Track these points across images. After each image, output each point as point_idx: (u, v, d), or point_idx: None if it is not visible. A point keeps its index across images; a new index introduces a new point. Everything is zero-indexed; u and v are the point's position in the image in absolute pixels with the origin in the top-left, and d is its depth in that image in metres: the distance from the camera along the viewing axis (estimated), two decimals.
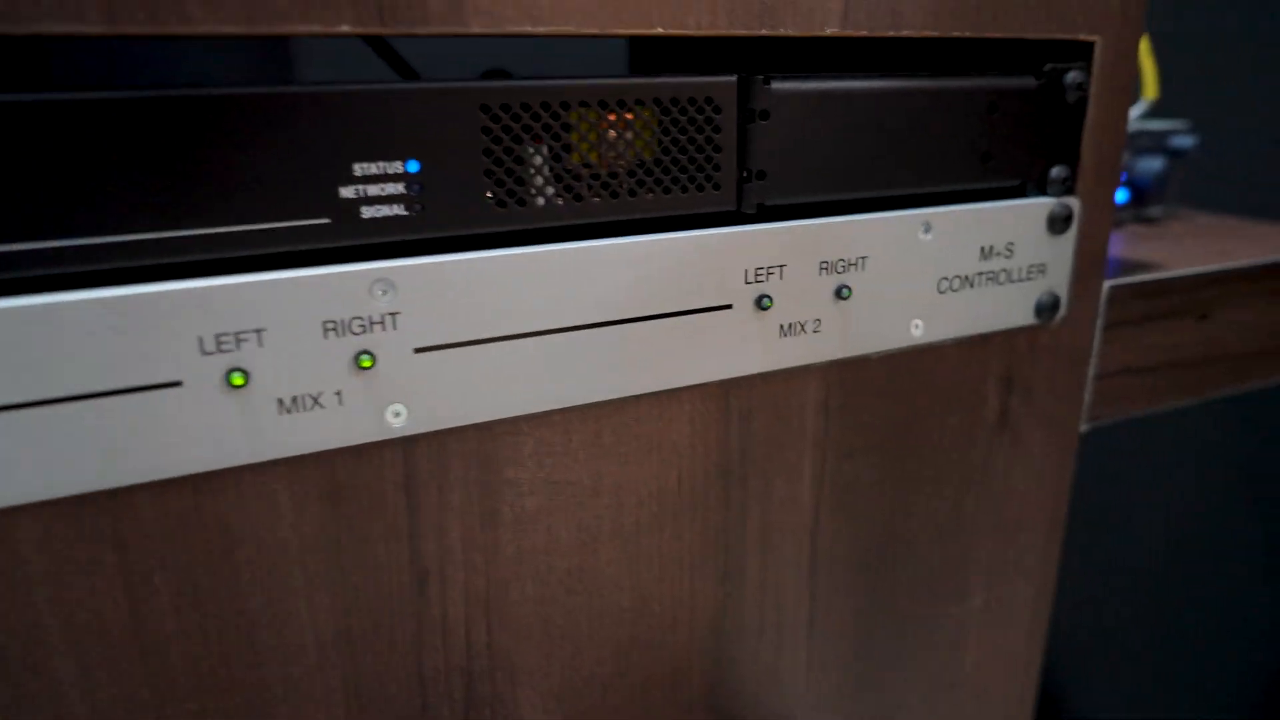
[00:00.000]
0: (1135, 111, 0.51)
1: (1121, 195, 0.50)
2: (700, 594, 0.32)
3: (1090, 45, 0.32)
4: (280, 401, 0.23)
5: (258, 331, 0.22)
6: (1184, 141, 0.50)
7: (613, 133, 0.26)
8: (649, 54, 0.55)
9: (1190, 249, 0.44)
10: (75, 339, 0.20)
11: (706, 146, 0.27)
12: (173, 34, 0.20)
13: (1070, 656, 1.03)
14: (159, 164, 0.21)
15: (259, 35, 0.21)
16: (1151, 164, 0.49)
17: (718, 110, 0.27)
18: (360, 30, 0.21)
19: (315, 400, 0.23)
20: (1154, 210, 0.52)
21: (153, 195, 0.21)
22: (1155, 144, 0.50)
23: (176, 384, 0.22)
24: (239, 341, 0.22)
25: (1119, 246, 0.46)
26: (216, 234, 0.21)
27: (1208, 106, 0.83)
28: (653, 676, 0.32)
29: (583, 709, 0.31)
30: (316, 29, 0.21)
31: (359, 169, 0.23)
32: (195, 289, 0.21)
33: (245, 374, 0.22)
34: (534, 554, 0.28)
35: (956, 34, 0.29)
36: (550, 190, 0.25)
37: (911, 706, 0.39)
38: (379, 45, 0.36)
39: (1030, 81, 0.32)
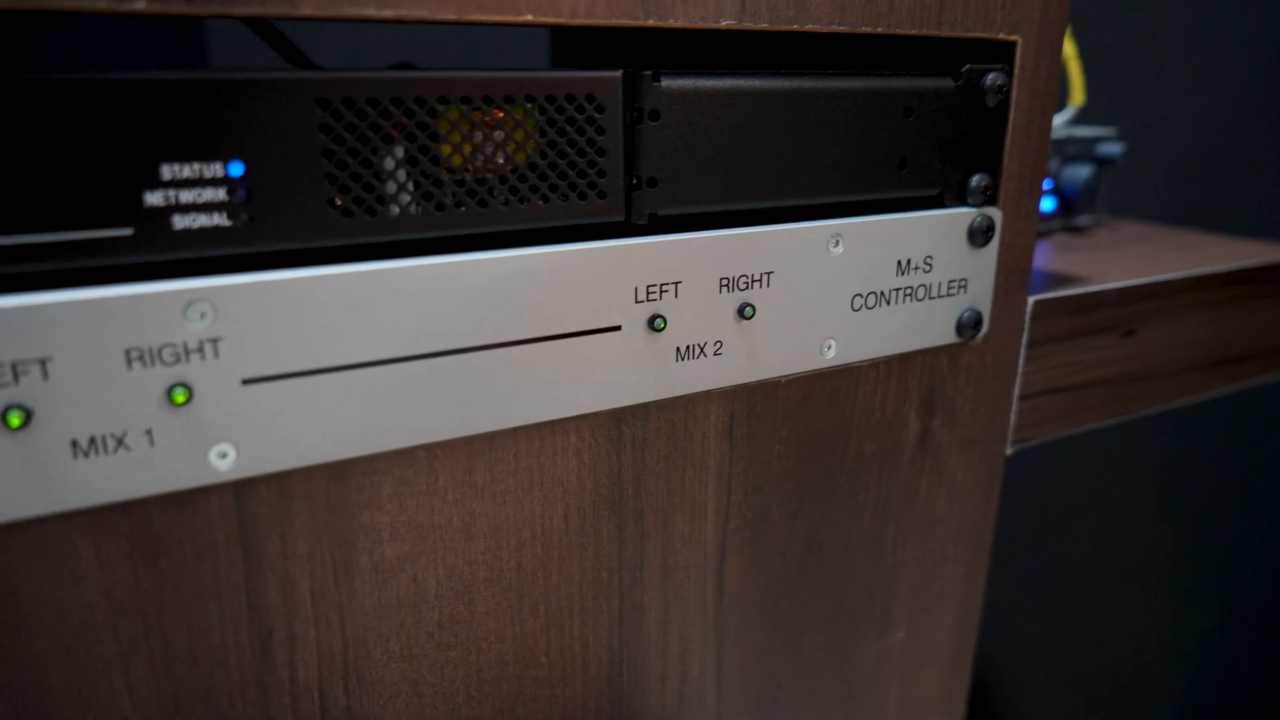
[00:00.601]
0: (1062, 117, 0.49)
1: (1048, 204, 0.48)
2: (594, 642, 0.29)
3: (1011, 45, 0.30)
4: (75, 443, 0.19)
5: (42, 361, 0.19)
6: (1112, 149, 0.49)
7: (480, 133, 0.23)
8: (570, 55, 0.52)
9: (1118, 260, 0.43)
10: None
11: (589, 149, 0.24)
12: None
13: (997, 675, 1.03)
14: None
15: (54, 10, 0.18)
16: (1079, 172, 0.48)
17: (601, 109, 0.24)
18: (158, 9, 0.18)
19: (120, 441, 0.20)
20: (1082, 219, 0.50)
21: None
22: (1083, 151, 0.49)
23: None
24: (17, 375, 0.18)
25: (1045, 258, 0.44)
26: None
27: (1137, 112, 0.82)
28: None
29: None
30: (121, 7, 0.18)
31: (168, 171, 0.19)
32: None
33: (26, 412, 0.19)
34: (398, 606, 0.25)
35: (867, 30, 0.27)
36: (406, 197, 0.22)
37: None
38: (265, 30, 0.33)
39: (948, 83, 0.29)
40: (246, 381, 0.21)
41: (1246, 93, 0.89)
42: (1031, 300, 0.34)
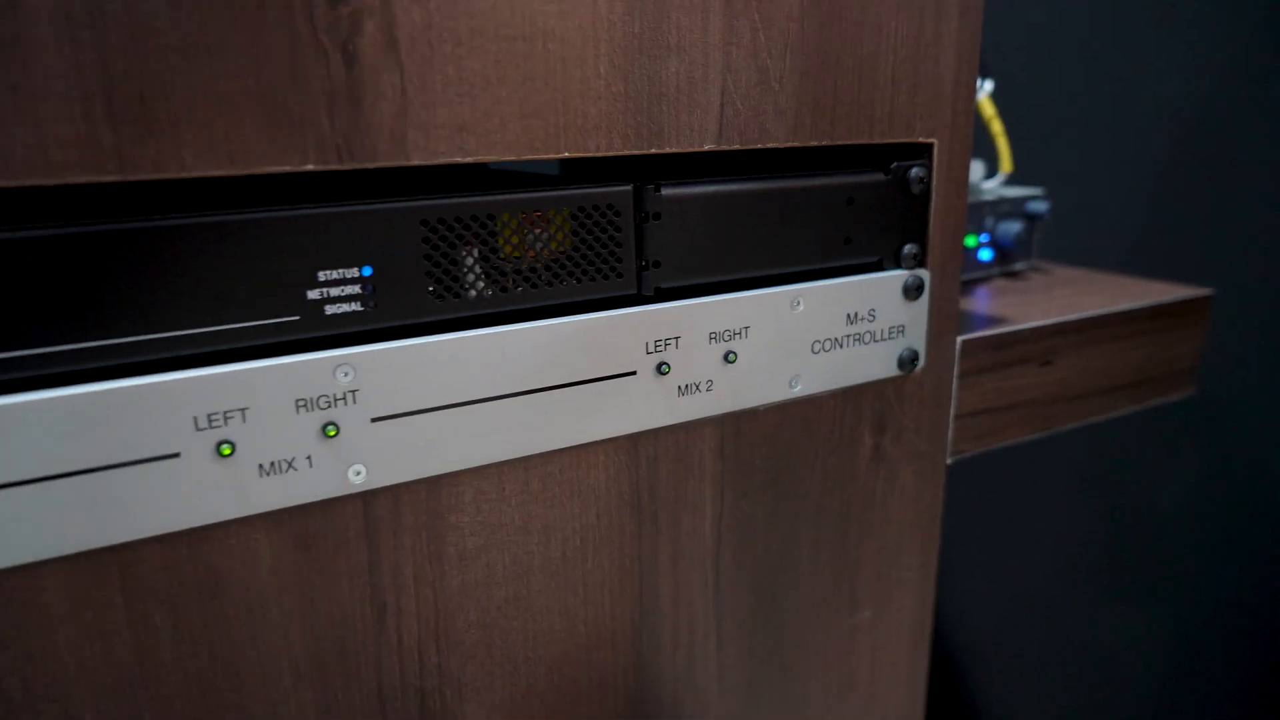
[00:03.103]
0: (994, 182, 0.58)
1: (986, 254, 0.57)
2: (620, 615, 0.37)
3: (930, 145, 0.39)
4: (260, 466, 0.28)
5: (242, 410, 0.27)
6: (1039, 206, 0.58)
7: (528, 234, 0.31)
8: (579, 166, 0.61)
9: (1041, 302, 0.51)
10: (100, 420, 0.25)
11: (609, 242, 0.33)
12: (172, 178, 0.25)
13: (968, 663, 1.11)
14: (167, 276, 0.26)
15: (241, 175, 0.26)
16: (1011, 226, 0.57)
17: (617, 213, 0.33)
18: (323, 167, 0.27)
19: (289, 464, 0.28)
20: (1018, 265, 0.59)
21: (161, 302, 0.26)
22: (1014, 209, 0.57)
23: (175, 455, 0.26)
24: (226, 419, 0.27)
25: (983, 300, 0.53)
26: (209, 332, 0.27)
27: (1066, 170, 0.92)
28: (582, 690, 0.37)
29: (520, 719, 0.36)
30: (287, 168, 0.27)
31: (322, 275, 0.28)
32: (191, 378, 0.26)
33: (232, 445, 0.27)
34: (475, 586, 0.33)
35: (815, 143, 0.36)
36: (480, 284, 0.31)
37: (814, 709, 0.45)
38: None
39: (880, 177, 0.38)
40: (374, 420, 0.29)
41: (1164, 149, 0.99)
42: (960, 339, 0.43)
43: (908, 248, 0.40)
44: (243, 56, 0.25)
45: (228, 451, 0.27)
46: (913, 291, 0.40)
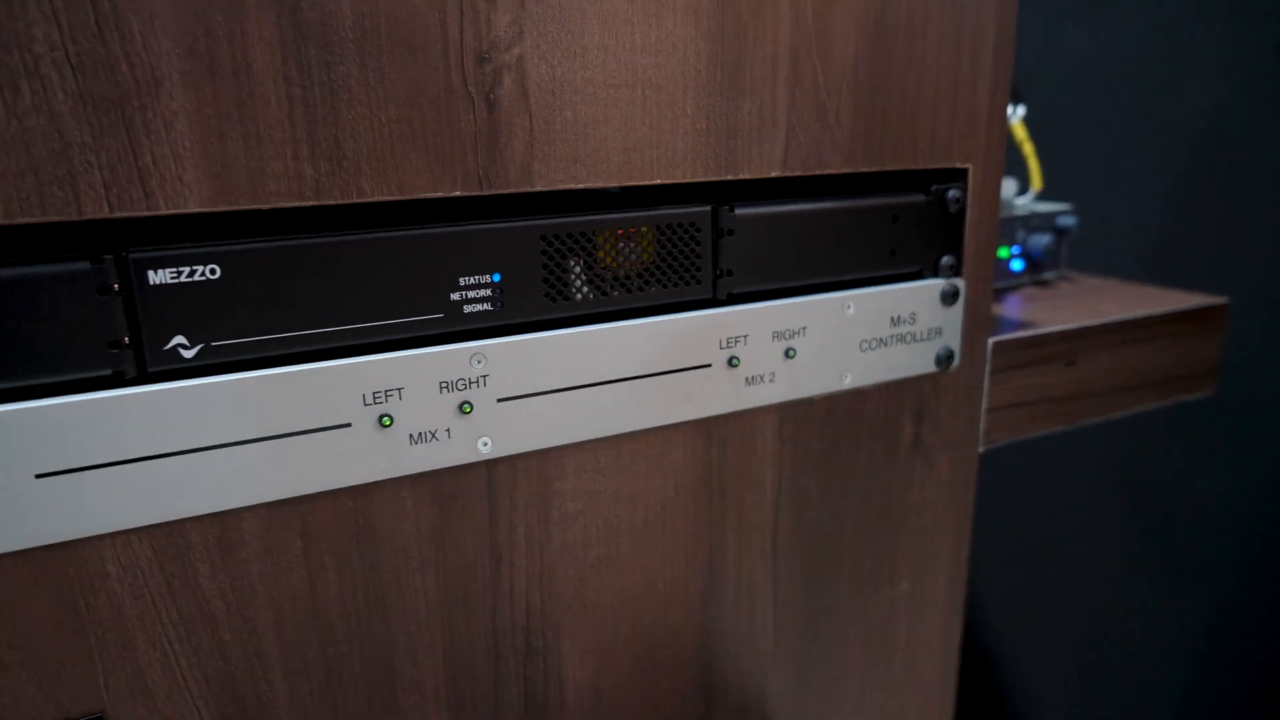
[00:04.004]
0: (1026, 198, 0.63)
1: (1018, 265, 0.62)
2: (692, 576, 0.43)
3: (965, 170, 0.45)
4: (411, 436, 0.34)
5: (399, 389, 0.33)
6: (1067, 220, 0.63)
7: (623, 246, 0.37)
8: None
9: (1068, 307, 0.56)
10: (292, 395, 0.32)
11: (690, 254, 0.39)
12: (353, 202, 0.32)
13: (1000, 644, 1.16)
14: (345, 280, 0.32)
15: (406, 199, 0.32)
16: (1041, 239, 0.62)
17: (697, 230, 0.39)
18: (469, 192, 0.33)
19: (433, 435, 0.34)
20: (1047, 275, 0.64)
21: (339, 300, 0.32)
22: (1044, 223, 0.63)
23: (348, 425, 0.33)
24: (387, 396, 0.33)
25: (1014, 306, 0.58)
26: (376, 325, 0.33)
27: (1096, 184, 0.97)
28: (658, 638, 0.43)
29: (606, 661, 0.42)
30: (440, 194, 0.33)
31: (462, 280, 0.34)
32: (362, 363, 0.33)
33: (391, 417, 0.33)
34: (574, 545, 0.39)
35: (866, 169, 0.42)
36: (585, 288, 0.37)
37: (858, 671, 0.50)
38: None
39: (921, 198, 0.44)
40: (500, 400, 0.35)
41: (1186, 165, 1.04)
42: (991, 340, 0.48)
43: (945, 259, 0.45)
44: (410, 106, 0.31)
45: (388, 423, 0.33)
46: (949, 298, 0.45)
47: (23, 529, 0.29)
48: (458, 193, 0.33)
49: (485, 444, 0.36)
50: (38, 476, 0.29)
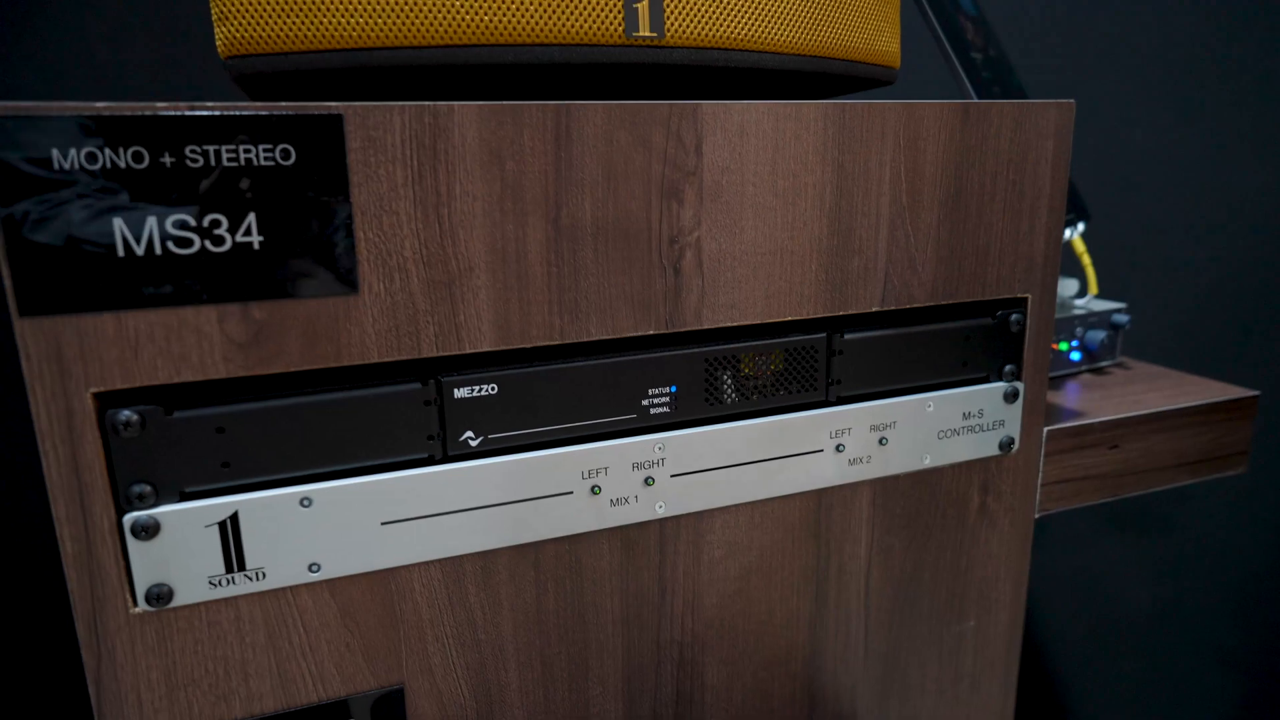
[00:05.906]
0: (1084, 300, 0.75)
1: (1076, 355, 0.74)
2: (802, 609, 0.56)
3: (1025, 299, 0.57)
4: (611, 500, 0.48)
5: (605, 468, 0.48)
6: (1121, 318, 0.74)
7: (759, 361, 0.51)
8: None
9: (1116, 397, 0.68)
10: (531, 473, 0.46)
11: (809, 367, 0.52)
12: (553, 345, 0.46)
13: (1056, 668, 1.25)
14: (570, 392, 0.46)
15: (613, 339, 0.47)
16: (1098, 335, 0.73)
17: (816, 351, 0.52)
18: (660, 331, 0.47)
19: (626, 500, 0.48)
20: (1103, 363, 0.75)
21: (566, 406, 0.46)
22: (1100, 320, 0.74)
23: (570, 493, 0.47)
24: (597, 473, 0.47)
25: (1072, 395, 0.69)
26: (590, 424, 0.47)
27: (1148, 284, 1.07)
28: (775, 657, 0.56)
29: (736, 670, 0.55)
30: (639, 332, 0.47)
31: (650, 391, 0.48)
32: (581, 450, 0.47)
33: (599, 488, 0.47)
34: (717, 581, 0.53)
35: (944, 302, 0.54)
36: (732, 394, 0.51)
37: (931, 691, 0.62)
38: None
39: (989, 321, 0.56)
40: (673, 475, 0.49)
41: (1231, 265, 1.13)
42: (1045, 430, 0.60)
43: (1008, 368, 0.58)
44: (622, 274, 0.46)
45: (597, 491, 0.47)
46: (1010, 397, 0.58)
47: (372, 558, 0.44)
48: (650, 331, 0.47)
49: (660, 506, 0.49)
50: (382, 524, 0.43)
